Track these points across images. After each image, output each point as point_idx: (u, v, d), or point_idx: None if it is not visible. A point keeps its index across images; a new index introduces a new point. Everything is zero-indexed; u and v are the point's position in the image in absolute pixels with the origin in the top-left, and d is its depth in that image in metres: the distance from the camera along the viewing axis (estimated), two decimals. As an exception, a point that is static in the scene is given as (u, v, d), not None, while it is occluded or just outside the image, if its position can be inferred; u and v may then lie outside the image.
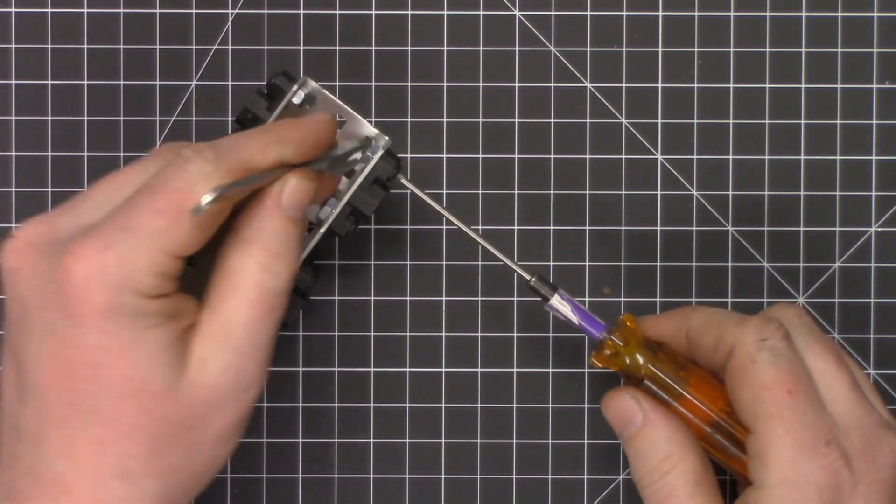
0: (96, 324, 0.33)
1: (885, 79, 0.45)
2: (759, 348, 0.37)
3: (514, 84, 0.45)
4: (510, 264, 0.40)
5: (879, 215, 0.45)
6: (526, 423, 0.45)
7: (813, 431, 0.36)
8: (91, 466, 0.33)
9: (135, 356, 0.33)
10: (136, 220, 0.33)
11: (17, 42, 0.45)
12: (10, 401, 0.34)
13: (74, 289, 0.33)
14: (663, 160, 0.45)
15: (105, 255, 0.33)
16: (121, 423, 0.33)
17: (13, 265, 0.34)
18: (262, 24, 0.45)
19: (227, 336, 0.34)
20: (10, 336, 0.34)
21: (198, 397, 0.34)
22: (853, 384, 0.37)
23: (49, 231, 0.34)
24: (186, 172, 0.33)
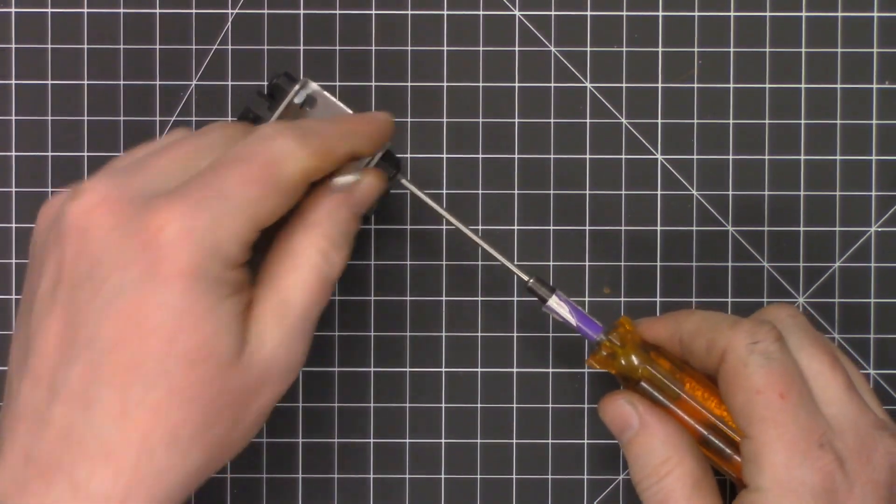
0: (179, 285, 0.32)
1: (885, 79, 0.45)
2: (750, 352, 0.36)
3: (514, 84, 0.45)
4: (509, 265, 0.40)
5: (879, 215, 0.45)
6: (526, 423, 0.45)
7: (806, 434, 0.35)
8: (141, 432, 0.33)
9: (210, 323, 0.33)
10: (229, 186, 0.33)
11: (17, 42, 0.45)
12: (50, 361, 0.33)
13: (163, 248, 0.32)
14: (663, 160, 0.45)
15: (198, 218, 0.33)
16: (185, 389, 0.33)
17: (84, 223, 0.33)
18: (262, 24, 0.45)
19: (284, 314, 0.35)
20: (64, 295, 0.33)
21: (252, 372, 0.34)
22: (848, 385, 0.37)
23: (123, 190, 0.34)
24: (274, 148, 0.34)
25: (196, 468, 0.34)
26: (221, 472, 0.45)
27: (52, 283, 0.34)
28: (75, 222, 0.33)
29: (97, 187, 0.34)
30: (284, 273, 0.35)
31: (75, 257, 0.33)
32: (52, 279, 0.34)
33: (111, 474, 0.32)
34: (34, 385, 0.33)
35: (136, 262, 0.33)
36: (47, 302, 0.34)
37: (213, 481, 0.45)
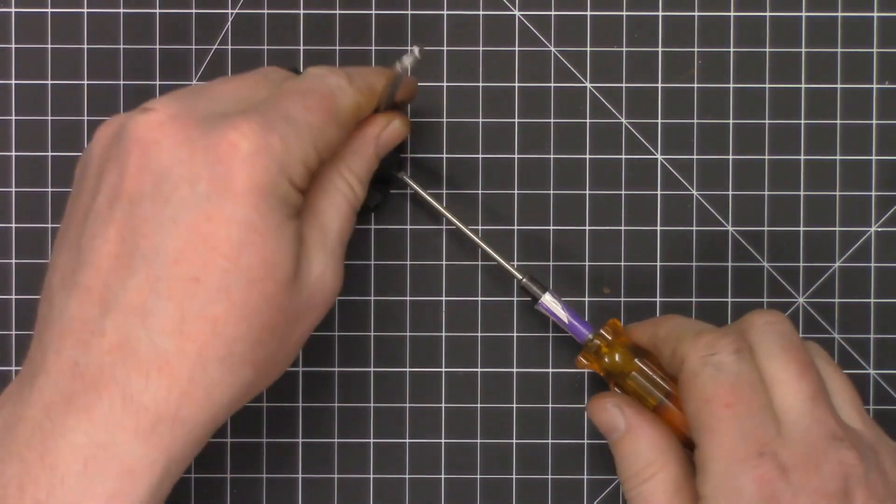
0: (249, 201, 0.33)
1: (885, 79, 0.45)
2: (703, 363, 0.37)
3: (514, 84, 0.45)
4: (503, 263, 0.41)
5: (879, 215, 0.45)
6: (526, 423, 0.45)
7: (747, 443, 0.35)
8: (198, 345, 0.33)
9: (275, 242, 0.34)
10: (294, 112, 0.35)
11: (17, 42, 0.45)
12: (104, 275, 0.33)
13: (235, 163, 0.33)
14: (663, 160, 0.45)
15: (271, 136, 0.34)
16: (244, 305, 0.33)
17: (154, 137, 0.34)
18: (262, 24, 0.45)
19: (324, 239, 0.37)
20: (123, 207, 0.34)
21: (303, 295, 0.35)
22: (813, 394, 0.36)
23: (193, 110, 0.35)
24: (330, 83, 0.37)
25: (245, 386, 0.34)
26: (221, 472, 0.45)
27: (110, 197, 0.34)
28: (143, 136, 0.34)
29: (165, 105, 0.34)
30: (319, 201, 0.37)
31: (140, 171, 0.34)
32: (111, 193, 0.34)
33: (164, 386, 0.33)
34: (84, 299, 0.33)
35: (206, 176, 0.33)
36: (104, 216, 0.34)
37: (213, 481, 0.45)
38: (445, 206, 0.43)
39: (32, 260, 0.45)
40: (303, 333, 0.36)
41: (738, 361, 0.37)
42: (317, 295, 0.36)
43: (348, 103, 0.37)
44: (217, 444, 0.45)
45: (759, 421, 0.36)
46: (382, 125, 0.39)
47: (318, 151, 0.36)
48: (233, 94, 0.36)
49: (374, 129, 0.39)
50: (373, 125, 0.39)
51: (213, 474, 0.45)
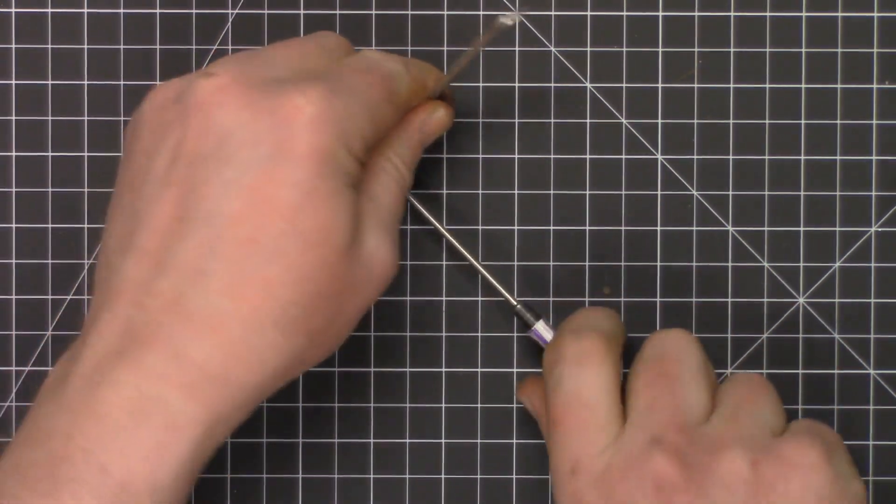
0: (311, 165, 0.33)
1: (885, 79, 0.45)
2: (548, 373, 0.38)
3: (514, 84, 0.45)
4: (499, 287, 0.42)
5: (879, 215, 0.45)
6: (526, 422, 0.45)
7: (566, 460, 0.37)
8: (253, 307, 0.33)
9: (333, 207, 0.34)
10: (355, 85, 0.35)
11: (17, 42, 0.45)
12: (161, 236, 0.34)
13: (298, 127, 0.33)
14: (663, 160, 0.45)
15: (335, 103, 0.34)
16: (300, 269, 0.33)
17: (218, 99, 0.34)
18: (262, 24, 0.45)
19: (377, 214, 0.37)
20: (181, 169, 0.34)
21: (359, 265, 0.35)
22: (651, 401, 0.37)
23: (255, 73, 0.35)
24: (389, 65, 0.37)
25: (296, 353, 0.34)
26: (221, 472, 0.45)
27: (168, 161, 0.34)
28: (205, 98, 0.34)
29: (226, 69, 0.35)
30: (370, 181, 0.37)
31: (201, 133, 0.34)
32: (169, 156, 0.34)
33: (216, 345, 0.33)
34: (140, 260, 0.34)
35: (268, 139, 0.33)
36: (162, 178, 0.34)
37: (213, 481, 0.45)
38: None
39: (32, 260, 0.45)
40: (358, 308, 0.36)
41: (573, 376, 0.37)
42: (373, 268, 0.36)
43: (404, 88, 0.38)
44: (217, 444, 0.45)
45: (582, 438, 0.36)
46: (428, 112, 0.40)
47: (375, 127, 0.36)
48: (289, 62, 0.36)
49: (419, 115, 0.39)
50: (418, 112, 0.40)
51: (213, 474, 0.45)
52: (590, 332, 0.38)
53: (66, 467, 0.32)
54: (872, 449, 0.45)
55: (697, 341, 0.39)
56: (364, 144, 0.35)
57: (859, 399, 0.45)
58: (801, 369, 0.45)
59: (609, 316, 0.41)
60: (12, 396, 0.45)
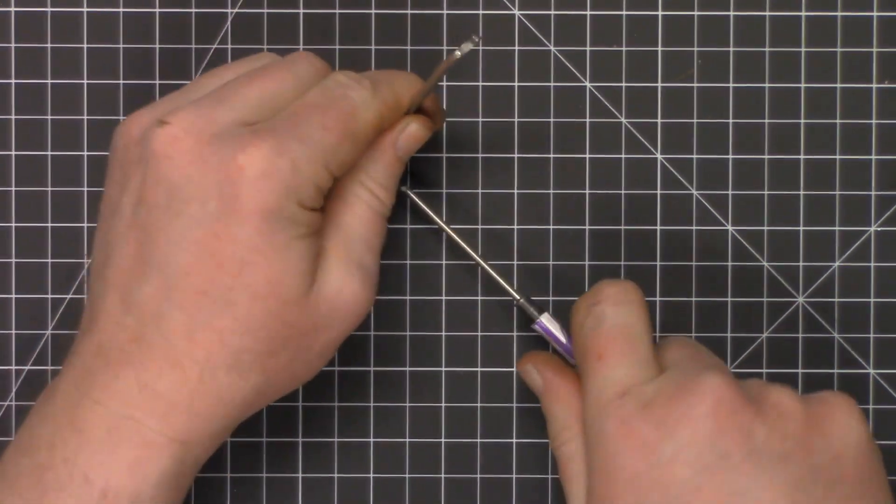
0: (255, 223, 0.34)
1: (885, 79, 0.45)
2: (586, 314, 0.38)
3: (514, 84, 0.45)
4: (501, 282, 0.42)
5: (879, 215, 0.45)
6: (526, 422, 0.45)
7: (609, 387, 0.36)
8: (207, 352, 0.35)
9: (280, 261, 0.35)
10: (308, 132, 0.35)
11: (17, 42, 0.45)
12: (125, 274, 0.35)
13: (243, 186, 0.34)
14: (663, 160, 0.45)
15: (279, 159, 0.34)
16: (248, 320, 0.35)
17: (169, 151, 0.35)
18: (262, 24, 0.45)
19: (347, 249, 0.37)
20: (142, 213, 0.35)
21: (321, 309, 0.36)
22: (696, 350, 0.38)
23: (209, 123, 0.35)
24: (351, 98, 0.37)
25: (255, 389, 0.36)
26: (221, 472, 0.45)
27: (133, 201, 0.35)
28: (158, 150, 0.35)
29: (182, 118, 0.35)
30: (341, 212, 0.37)
31: (155, 183, 0.35)
32: (134, 197, 0.36)
33: (178, 380, 0.35)
34: (109, 292, 0.35)
35: (215, 195, 0.34)
36: (128, 218, 0.36)
37: (213, 481, 0.45)
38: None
39: (32, 260, 0.45)
40: (327, 343, 0.37)
41: (617, 313, 0.37)
42: (338, 308, 0.37)
43: (370, 118, 0.37)
44: (217, 444, 0.45)
45: (629, 369, 0.36)
46: (400, 129, 0.39)
47: (330, 171, 0.36)
48: (258, 96, 0.36)
49: (391, 134, 0.39)
50: (391, 131, 0.39)
51: (213, 474, 0.45)
52: (629, 284, 0.38)
53: (50, 476, 0.34)
54: (872, 449, 0.45)
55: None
56: (318, 191, 0.36)
57: (859, 399, 0.45)
58: (801, 369, 0.45)
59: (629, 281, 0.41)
60: (12, 396, 0.45)
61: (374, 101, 0.37)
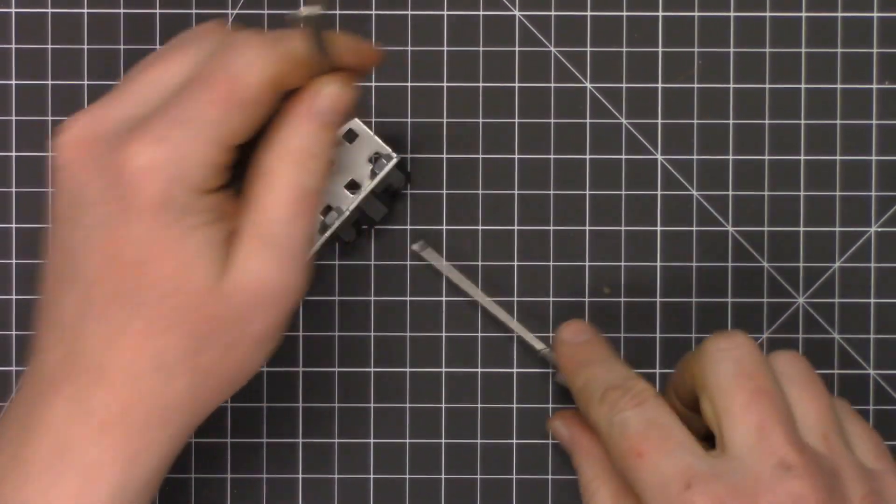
0: (146, 218, 0.33)
1: (885, 79, 0.45)
2: (609, 425, 0.37)
3: (514, 84, 0.45)
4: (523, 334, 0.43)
5: (879, 215, 0.45)
6: (526, 423, 0.45)
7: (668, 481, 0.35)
8: (129, 358, 0.34)
9: (180, 253, 0.34)
10: (189, 111, 0.33)
11: (17, 42, 0.45)
12: (52, 292, 0.35)
13: (129, 182, 0.33)
14: (663, 160, 0.45)
15: (159, 148, 0.33)
16: (162, 318, 0.34)
17: (63, 161, 0.34)
18: (262, 25, 0.45)
19: (266, 235, 0.34)
20: (57, 231, 0.35)
21: (239, 297, 0.34)
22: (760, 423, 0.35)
23: (99, 125, 0.34)
24: (238, 61, 0.33)
25: (189, 392, 0.35)
26: (221, 472, 0.45)
27: (51, 218, 0.35)
28: (58, 160, 0.35)
29: (74, 125, 0.34)
30: (261, 193, 0.35)
31: (60, 195, 0.35)
32: (52, 216, 0.35)
33: (107, 393, 0.34)
34: (40, 317, 0.35)
35: (108, 197, 0.34)
36: (50, 234, 0.35)
37: (213, 481, 0.45)
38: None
39: (32, 260, 0.45)
40: (255, 336, 0.35)
41: (641, 413, 0.36)
42: (259, 297, 0.34)
43: (259, 79, 0.33)
44: (217, 443, 0.45)
45: (679, 457, 0.35)
46: (312, 94, 0.35)
47: (224, 146, 0.34)
48: (148, 90, 0.35)
49: (304, 101, 0.35)
50: (302, 97, 0.35)
51: (213, 474, 0.45)
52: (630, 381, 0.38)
53: None
54: (872, 449, 0.45)
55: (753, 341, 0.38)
56: (213, 170, 0.34)
57: (859, 399, 0.45)
58: (801, 369, 0.45)
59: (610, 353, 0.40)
60: (12, 396, 0.45)
61: (260, 60, 0.33)
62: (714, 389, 0.36)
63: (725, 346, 0.37)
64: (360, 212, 0.43)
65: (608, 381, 0.38)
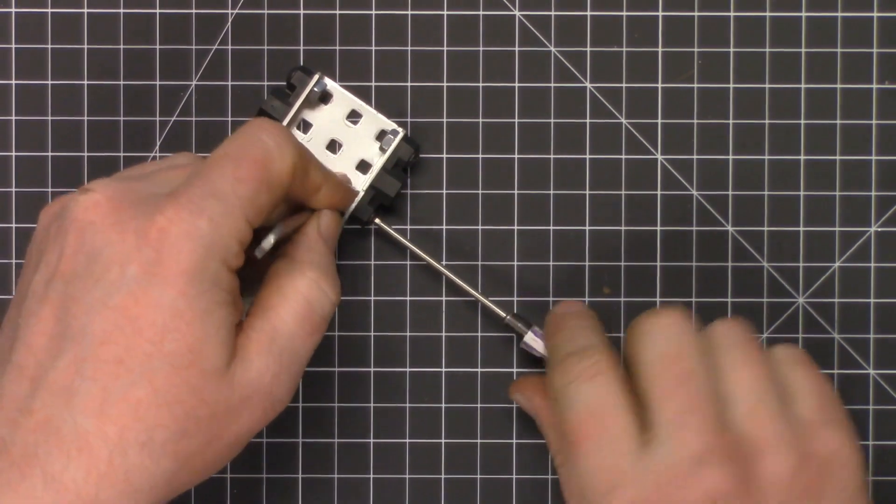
0: (178, 285, 0.33)
1: (885, 79, 0.45)
2: (561, 393, 0.37)
3: (514, 84, 0.45)
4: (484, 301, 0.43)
5: (879, 215, 0.45)
6: (526, 423, 0.45)
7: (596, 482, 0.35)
8: (119, 428, 0.33)
9: (202, 328, 0.33)
10: (222, 185, 0.34)
11: (17, 42, 0.45)
12: (38, 354, 0.33)
13: (163, 247, 0.33)
14: (663, 160, 0.45)
15: (200, 219, 0.33)
16: (167, 391, 0.33)
17: (90, 217, 0.34)
18: (262, 24, 0.45)
19: (272, 341, 0.35)
20: (58, 286, 0.34)
21: (235, 391, 0.34)
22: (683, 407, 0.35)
23: (130, 191, 0.35)
24: (264, 142, 0.35)
25: (166, 475, 0.34)
26: (221, 472, 0.45)
27: (47, 277, 0.34)
28: (79, 216, 0.34)
29: (103, 186, 0.35)
30: (276, 303, 0.36)
31: (75, 251, 0.34)
32: (49, 272, 0.34)
33: (84, 467, 0.33)
34: (18, 377, 0.33)
35: (136, 259, 0.33)
36: (40, 294, 0.34)
37: (214, 481, 0.45)
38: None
39: (32, 260, 0.45)
40: (237, 433, 0.35)
41: (588, 389, 0.36)
42: (253, 396, 0.35)
43: (284, 166, 0.36)
44: (217, 444, 0.45)
45: (608, 454, 0.35)
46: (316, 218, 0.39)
47: (250, 222, 0.35)
48: (173, 174, 0.36)
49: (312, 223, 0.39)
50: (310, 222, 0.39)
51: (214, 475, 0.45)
52: (590, 350, 0.38)
53: None
54: (872, 449, 0.45)
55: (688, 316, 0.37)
56: (240, 246, 0.35)
57: (859, 399, 0.45)
58: (801, 369, 0.45)
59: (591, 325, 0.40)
60: None
61: (287, 147, 0.36)
62: (641, 370, 0.37)
63: (654, 323, 0.37)
64: (375, 189, 0.43)
65: (569, 348, 0.38)
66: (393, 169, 0.43)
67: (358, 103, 0.44)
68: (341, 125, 0.44)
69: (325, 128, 0.44)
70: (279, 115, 0.43)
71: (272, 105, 0.43)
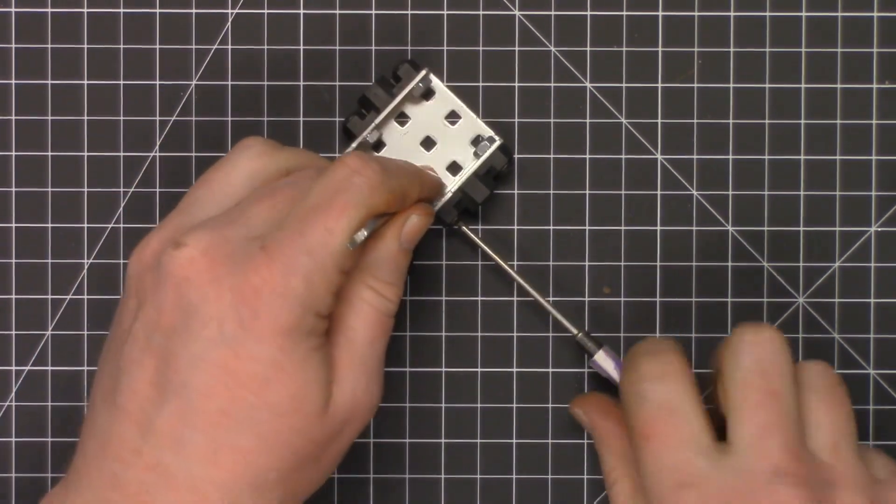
0: (274, 340, 0.34)
1: (885, 79, 0.45)
2: (629, 391, 0.37)
3: (514, 84, 0.45)
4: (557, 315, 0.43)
5: (879, 215, 0.45)
6: (526, 423, 0.45)
7: (667, 475, 0.35)
8: (229, 474, 0.34)
9: (301, 375, 0.34)
10: (314, 239, 0.35)
11: (17, 42, 0.45)
12: (141, 401, 0.34)
13: (261, 307, 0.34)
14: (663, 160, 0.45)
15: (293, 279, 0.34)
16: (273, 438, 0.34)
17: (186, 274, 0.34)
18: (262, 24, 0.45)
19: (353, 355, 0.36)
20: (158, 339, 0.35)
21: (336, 417, 0.36)
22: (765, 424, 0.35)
23: (223, 243, 0.35)
24: (355, 186, 0.36)
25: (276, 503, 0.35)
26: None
27: (148, 328, 0.35)
28: (174, 272, 0.35)
29: (195, 240, 0.35)
30: (347, 317, 0.37)
31: (172, 306, 0.35)
32: (149, 324, 0.35)
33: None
34: (122, 419, 0.35)
35: (233, 316, 0.34)
36: (142, 344, 0.35)
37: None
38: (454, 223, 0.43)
39: (32, 260, 0.45)
40: (340, 449, 0.37)
41: (660, 387, 0.37)
42: (351, 414, 0.36)
43: (379, 202, 0.36)
44: (217, 444, 0.45)
45: (679, 453, 0.36)
46: (401, 223, 0.39)
47: (344, 272, 0.36)
48: (268, 213, 0.36)
49: (393, 229, 0.38)
50: (393, 226, 0.38)
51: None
52: (666, 351, 0.38)
53: None
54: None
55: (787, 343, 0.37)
56: (333, 297, 0.35)
57: (859, 399, 0.45)
58: (801, 369, 0.45)
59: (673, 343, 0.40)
60: (12, 396, 0.45)
61: (381, 189, 0.36)
62: (729, 381, 0.37)
63: (750, 340, 0.37)
64: (462, 193, 0.43)
65: (644, 349, 0.38)
66: (484, 176, 0.43)
67: (459, 105, 0.44)
68: (439, 124, 0.44)
69: (423, 123, 0.44)
70: (381, 104, 0.43)
71: (375, 93, 0.43)
